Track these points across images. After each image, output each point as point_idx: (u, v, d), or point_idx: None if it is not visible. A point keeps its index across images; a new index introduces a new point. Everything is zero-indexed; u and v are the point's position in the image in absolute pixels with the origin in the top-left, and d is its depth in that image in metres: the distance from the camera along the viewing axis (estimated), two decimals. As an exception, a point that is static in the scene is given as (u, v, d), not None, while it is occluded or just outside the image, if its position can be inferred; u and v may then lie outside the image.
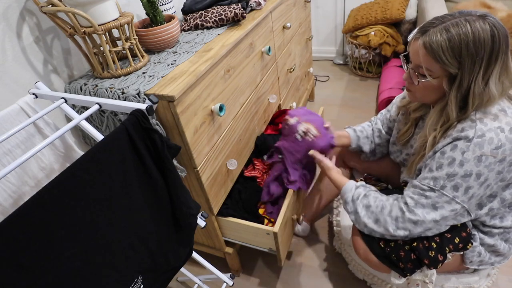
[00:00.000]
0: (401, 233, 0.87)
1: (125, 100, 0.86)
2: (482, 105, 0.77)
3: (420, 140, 0.91)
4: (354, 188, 0.99)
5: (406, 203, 0.87)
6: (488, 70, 0.74)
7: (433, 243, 0.88)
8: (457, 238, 0.89)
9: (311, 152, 1.13)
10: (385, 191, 1.15)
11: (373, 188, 1.00)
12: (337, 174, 1.08)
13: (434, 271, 0.93)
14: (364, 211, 0.93)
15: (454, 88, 0.77)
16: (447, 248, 0.88)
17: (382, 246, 0.93)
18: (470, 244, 0.91)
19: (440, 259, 0.88)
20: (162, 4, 1.20)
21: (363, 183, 1.02)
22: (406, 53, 0.88)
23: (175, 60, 0.98)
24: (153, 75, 0.90)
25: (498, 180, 0.80)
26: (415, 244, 0.88)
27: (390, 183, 1.26)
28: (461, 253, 0.94)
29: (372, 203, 0.93)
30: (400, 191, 1.06)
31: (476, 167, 0.76)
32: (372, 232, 0.93)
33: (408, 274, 0.92)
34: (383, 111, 1.22)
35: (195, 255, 1.02)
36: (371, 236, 0.96)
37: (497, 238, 0.92)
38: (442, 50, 0.74)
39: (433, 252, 0.87)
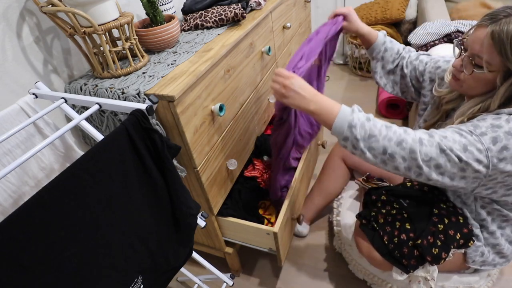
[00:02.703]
0: (425, 155, 0.74)
1: (125, 100, 0.86)
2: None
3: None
4: (356, 109, 0.77)
5: (432, 135, 0.75)
6: None
7: (437, 241, 0.88)
8: (458, 234, 0.89)
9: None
10: (387, 187, 1.15)
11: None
12: (319, 96, 0.80)
13: (435, 267, 0.93)
14: (385, 131, 0.75)
15: (507, 84, 0.74)
16: (451, 246, 0.88)
17: (386, 242, 0.93)
18: (471, 241, 0.91)
19: (444, 256, 0.88)
20: (162, 4, 1.20)
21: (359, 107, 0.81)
22: (462, 38, 0.82)
23: (175, 60, 0.98)
24: (153, 75, 0.90)
25: None
26: (419, 241, 0.88)
27: (392, 183, 1.26)
28: (463, 251, 0.94)
29: (392, 124, 0.78)
30: (404, 188, 1.05)
31: None
32: (392, 158, 0.75)
33: (411, 271, 0.92)
34: (422, 56, 1.04)
35: (195, 255, 1.02)
36: (374, 235, 0.95)
37: (502, 238, 0.92)
38: (510, 43, 0.69)
39: (437, 250, 0.87)
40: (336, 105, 0.79)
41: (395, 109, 2.14)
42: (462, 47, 0.81)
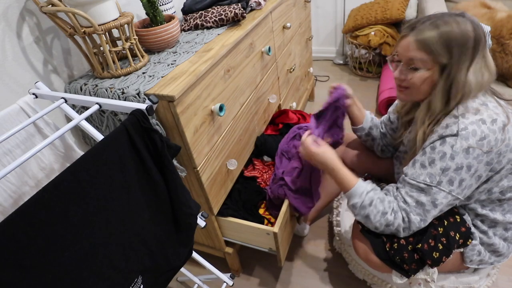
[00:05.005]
0: (406, 233, 0.91)
1: (125, 100, 0.86)
2: (464, 97, 0.82)
3: (411, 135, 0.94)
4: (364, 194, 0.92)
5: (406, 202, 0.87)
6: (472, 60, 0.80)
7: (439, 244, 0.88)
8: (458, 234, 0.90)
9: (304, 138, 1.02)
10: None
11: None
12: (343, 169, 0.96)
13: (435, 269, 0.93)
14: (379, 217, 0.89)
15: (444, 77, 0.82)
16: (453, 249, 0.89)
17: (388, 249, 0.93)
18: (469, 240, 0.91)
19: (444, 260, 0.88)
20: (162, 4, 1.20)
21: (373, 185, 0.95)
22: (393, 54, 0.90)
23: (175, 60, 0.98)
24: (153, 75, 0.90)
25: (488, 171, 0.82)
26: (419, 245, 0.89)
27: (391, 183, 1.26)
28: (461, 250, 0.94)
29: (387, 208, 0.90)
30: None
31: (465, 159, 0.79)
32: (382, 232, 0.93)
33: (412, 275, 0.92)
34: (385, 116, 1.23)
35: (195, 255, 1.02)
36: (377, 241, 0.96)
37: (496, 237, 0.93)
38: (433, 42, 0.79)
39: (438, 254, 0.88)
40: (351, 183, 0.94)
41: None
42: (396, 61, 0.90)
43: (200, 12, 1.25)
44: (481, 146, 0.77)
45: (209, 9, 1.24)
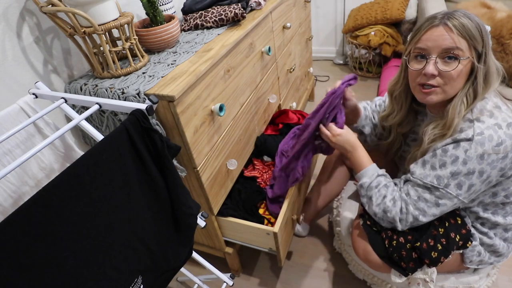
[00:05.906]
0: (405, 222, 0.90)
1: (125, 100, 0.86)
2: (489, 88, 0.81)
3: (438, 128, 0.85)
4: (374, 176, 0.95)
5: (408, 194, 0.88)
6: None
7: (438, 245, 0.88)
8: (458, 236, 0.90)
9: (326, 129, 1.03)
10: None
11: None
12: (363, 150, 1.00)
13: (434, 269, 0.94)
14: (380, 200, 0.92)
15: (481, 63, 0.79)
16: (452, 250, 0.89)
17: (387, 245, 0.93)
18: (469, 242, 0.91)
19: (442, 261, 0.88)
20: (162, 4, 1.20)
21: (384, 172, 0.98)
22: (408, 52, 0.85)
23: (175, 60, 0.98)
24: (153, 75, 0.90)
25: (499, 176, 0.81)
26: (418, 244, 0.89)
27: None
28: (461, 251, 0.94)
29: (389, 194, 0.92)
30: None
31: (479, 165, 0.77)
32: (380, 220, 0.94)
33: (410, 273, 0.92)
34: (376, 101, 1.20)
35: (195, 255, 1.02)
36: (376, 237, 0.96)
37: (496, 238, 0.93)
38: (471, 27, 0.77)
39: (436, 254, 0.88)
40: (366, 164, 0.98)
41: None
42: (419, 56, 0.83)
43: (200, 12, 1.25)
44: (497, 151, 0.75)
45: (209, 9, 1.24)
